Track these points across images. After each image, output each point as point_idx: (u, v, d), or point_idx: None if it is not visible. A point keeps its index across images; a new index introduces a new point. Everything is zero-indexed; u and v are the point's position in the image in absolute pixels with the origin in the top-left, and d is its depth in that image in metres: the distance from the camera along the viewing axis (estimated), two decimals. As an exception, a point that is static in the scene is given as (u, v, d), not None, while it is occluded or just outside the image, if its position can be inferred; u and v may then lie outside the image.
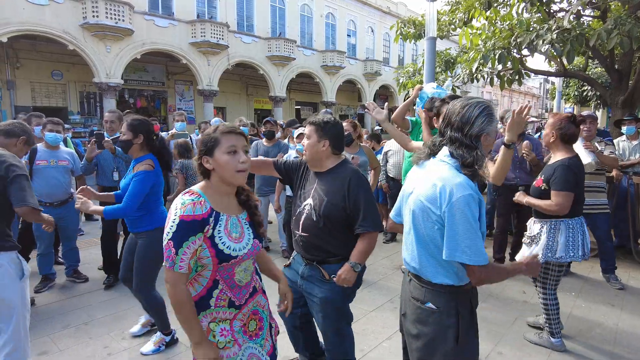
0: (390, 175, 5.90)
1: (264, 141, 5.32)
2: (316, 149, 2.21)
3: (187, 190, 1.58)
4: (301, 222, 2.24)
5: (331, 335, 2.32)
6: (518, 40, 4.97)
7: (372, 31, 28.37)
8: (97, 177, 4.50)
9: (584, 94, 15.47)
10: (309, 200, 2.25)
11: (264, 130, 5.37)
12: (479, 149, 1.57)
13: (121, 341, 3.13)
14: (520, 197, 3.07)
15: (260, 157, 2.92)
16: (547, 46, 4.93)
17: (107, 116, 4.57)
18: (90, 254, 5.04)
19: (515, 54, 5.70)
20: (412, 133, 4.31)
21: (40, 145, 4.10)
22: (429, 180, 1.58)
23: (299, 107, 26.96)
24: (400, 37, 8.50)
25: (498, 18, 5.51)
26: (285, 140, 5.75)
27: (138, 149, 2.90)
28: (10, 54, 15.22)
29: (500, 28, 5.42)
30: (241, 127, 5.64)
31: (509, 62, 5.25)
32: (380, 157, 6.18)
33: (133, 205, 2.75)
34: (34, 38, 14.59)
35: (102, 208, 2.71)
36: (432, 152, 1.67)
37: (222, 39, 18.16)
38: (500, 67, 5.68)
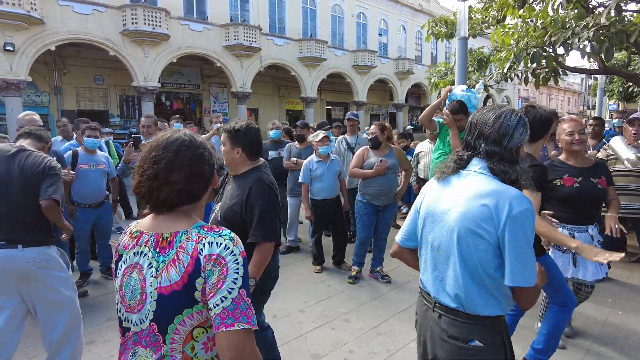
0: (421, 177, 5.90)
1: (296, 144, 5.47)
2: (231, 156, 2.23)
3: (204, 224, 1.19)
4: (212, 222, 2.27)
5: None
6: (552, 39, 4.85)
7: (404, 29, 28.06)
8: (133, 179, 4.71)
9: (629, 89, 14.76)
10: (220, 202, 2.30)
11: (296, 133, 5.60)
12: (520, 162, 1.45)
13: (160, 335, 3.32)
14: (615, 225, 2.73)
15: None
16: (585, 43, 4.78)
17: (144, 121, 4.80)
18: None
19: (550, 52, 5.54)
20: (439, 135, 4.31)
21: (80, 150, 4.34)
22: (472, 196, 1.39)
23: (330, 107, 27.09)
24: (432, 36, 8.41)
25: (532, 16, 5.38)
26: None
27: None
28: (58, 62, 16.11)
29: (534, 26, 5.29)
30: (273, 130, 5.78)
31: (543, 61, 5.12)
32: (411, 158, 6.18)
33: None
34: (78, 46, 15.36)
35: None
36: (460, 167, 1.49)
37: (255, 41, 18.49)
38: (534, 65, 5.54)
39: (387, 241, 4.63)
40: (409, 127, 15.87)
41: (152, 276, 1.10)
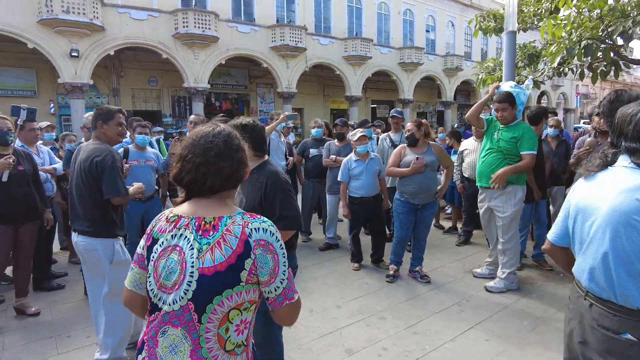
0: (465, 175, 5.72)
1: (335, 142, 5.50)
2: None
3: (244, 211, 1.30)
4: None
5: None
6: (609, 29, 4.53)
7: (453, 25, 27.27)
8: (173, 168, 4.92)
9: None
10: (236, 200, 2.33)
11: (335, 132, 5.61)
12: None
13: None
14: None
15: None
16: (647, 32, 4.43)
17: (192, 118, 5.00)
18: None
19: (608, 43, 5.18)
20: (487, 132, 4.18)
21: (131, 147, 4.60)
22: (623, 190, 1.39)
23: (375, 105, 26.85)
24: (480, 31, 8.11)
25: (586, 6, 5.04)
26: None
27: None
28: (116, 65, 17.15)
29: (589, 17, 4.96)
30: (315, 128, 5.85)
31: (599, 54, 4.78)
32: (455, 157, 6.01)
33: None
34: (134, 49, 16.25)
35: None
36: (605, 164, 1.52)
37: (300, 41, 18.70)
38: (589, 59, 5.20)
39: (427, 241, 4.55)
40: (456, 125, 15.43)
41: (193, 257, 1.16)
